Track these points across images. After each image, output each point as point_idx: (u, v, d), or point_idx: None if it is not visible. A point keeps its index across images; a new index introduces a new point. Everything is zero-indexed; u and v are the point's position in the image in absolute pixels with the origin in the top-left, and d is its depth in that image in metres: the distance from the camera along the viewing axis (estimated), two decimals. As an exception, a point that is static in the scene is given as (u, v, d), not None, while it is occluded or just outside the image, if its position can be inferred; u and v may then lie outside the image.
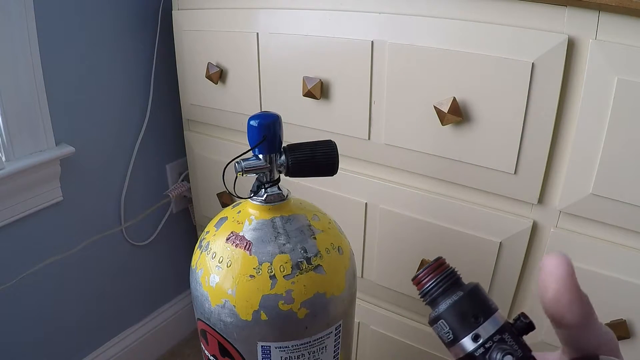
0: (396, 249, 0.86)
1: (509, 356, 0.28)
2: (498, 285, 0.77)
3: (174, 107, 1.18)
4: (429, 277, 0.35)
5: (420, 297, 0.35)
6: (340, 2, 0.80)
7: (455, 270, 0.35)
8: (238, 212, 0.63)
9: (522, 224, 0.72)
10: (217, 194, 1.12)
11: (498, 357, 0.29)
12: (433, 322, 0.33)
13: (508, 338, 0.30)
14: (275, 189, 0.62)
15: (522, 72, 0.64)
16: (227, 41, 0.95)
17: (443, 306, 0.32)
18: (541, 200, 0.70)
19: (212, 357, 0.66)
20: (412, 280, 0.36)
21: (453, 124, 0.72)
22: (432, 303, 0.34)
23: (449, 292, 0.33)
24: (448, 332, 0.31)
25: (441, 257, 0.35)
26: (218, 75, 0.97)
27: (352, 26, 0.78)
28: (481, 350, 0.30)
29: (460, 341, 0.30)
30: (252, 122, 0.59)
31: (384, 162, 0.84)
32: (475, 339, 0.30)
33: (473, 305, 0.31)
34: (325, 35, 0.81)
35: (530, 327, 0.31)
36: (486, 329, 0.30)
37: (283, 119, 0.61)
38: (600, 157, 0.62)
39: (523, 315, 0.31)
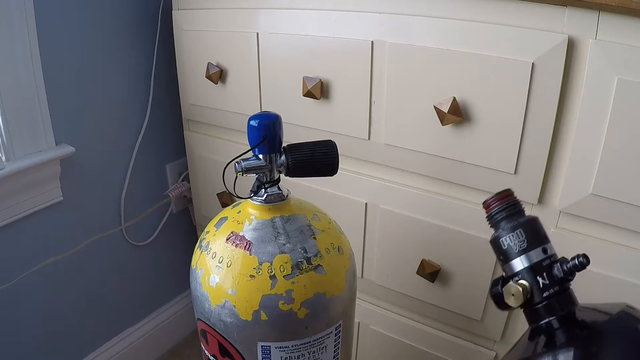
0: (396, 249, 0.86)
1: (584, 258, 0.34)
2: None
3: (174, 107, 1.18)
4: (498, 202, 0.39)
5: (487, 219, 0.40)
6: (340, 2, 0.80)
7: (521, 202, 0.40)
8: (238, 212, 0.63)
9: (522, 224, 0.72)
10: (217, 194, 1.12)
11: (571, 261, 0.34)
12: (508, 232, 0.37)
13: (563, 258, 0.36)
14: (275, 189, 0.62)
15: (522, 72, 0.64)
16: (227, 41, 0.95)
17: (522, 219, 0.37)
18: (541, 200, 0.70)
19: (212, 357, 0.66)
20: (483, 203, 0.41)
21: (453, 124, 0.72)
22: (496, 225, 0.39)
23: (515, 217, 0.38)
24: (523, 240, 0.36)
25: (510, 189, 0.40)
26: (218, 75, 0.97)
27: (352, 26, 0.78)
28: (547, 261, 0.35)
29: (533, 251, 0.35)
30: (252, 122, 0.59)
31: (384, 162, 0.84)
32: (544, 251, 0.35)
33: (541, 228, 0.37)
34: (325, 35, 0.81)
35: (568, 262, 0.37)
36: (550, 248, 0.36)
37: (283, 119, 0.61)
38: (600, 157, 0.62)
39: (564, 258, 0.37)
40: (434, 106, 0.72)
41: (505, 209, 0.38)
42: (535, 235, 0.35)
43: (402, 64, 0.74)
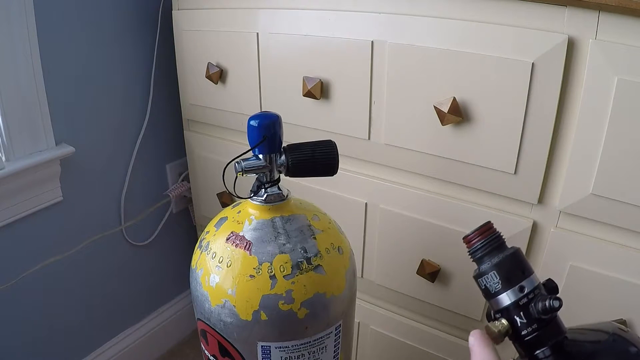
0: (396, 249, 0.86)
1: (557, 300, 0.34)
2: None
3: (174, 107, 1.18)
4: (479, 237, 0.39)
5: (469, 254, 0.40)
6: (340, 2, 0.80)
7: (501, 234, 0.39)
8: (238, 212, 0.63)
9: (522, 224, 0.72)
10: (217, 194, 1.12)
11: (543, 303, 0.34)
12: (482, 274, 0.37)
13: (544, 292, 0.35)
14: (275, 189, 0.62)
15: (522, 72, 0.64)
16: (227, 41, 0.95)
17: (495, 260, 0.37)
18: (541, 200, 0.70)
19: (212, 357, 0.66)
20: (463, 238, 0.41)
21: (453, 124, 0.72)
22: (479, 260, 0.39)
23: (496, 251, 0.38)
24: (497, 283, 0.36)
25: (490, 222, 0.40)
26: (218, 75, 0.97)
27: (352, 26, 0.78)
28: (524, 300, 0.34)
29: (507, 291, 0.35)
30: (252, 122, 0.59)
31: (384, 162, 0.84)
32: (520, 290, 0.35)
33: (519, 263, 0.36)
34: (325, 35, 0.81)
35: (556, 289, 0.37)
36: (528, 283, 0.35)
37: (283, 119, 0.61)
38: (600, 157, 0.62)
39: (550, 280, 0.37)
40: (434, 106, 0.72)
41: (485, 245, 0.38)
42: (512, 273, 0.35)
43: (402, 64, 0.74)
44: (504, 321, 0.35)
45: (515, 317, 0.34)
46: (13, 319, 0.98)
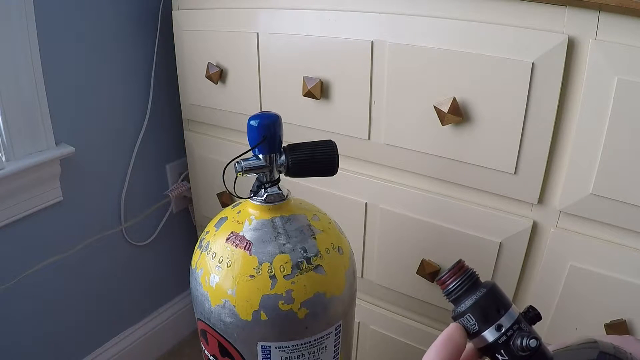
0: (396, 249, 0.86)
1: (534, 340, 0.33)
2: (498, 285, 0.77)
3: (174, 107, 1.18)
4: (452, 278, 0.39)
5: (445, 296, 0.39)
6: (340, 2, 0.80)
7: (475, 271, 0.39)
8: (238, 212, 0.63)
9: (522, 224, 0.72)
10: (217, 194, 1.12)
11: (520, 342, 0.34)
12: (459, 316, 0.37)
13: (524, 326, 0.35)
14: (275, 189, 0.62)
15: (522, 72, 0.64)
16: (227, 41, 0.95)
17: (469, 302, 0.37)
18: (541, 200, 0.70)
19: (212, 357, 0.66)
20: (437, 280, 0.40)
21: (453, 124, 0.72)
22: (456, 301, 0.38)
23: (472, 290, 0.37)
24: (474, 324, 0.36)
25: (462, 260, 0.40)
26: (218, 75, 0.97)
27: (352, 26, 0.78)
28: (504, 338, 0.34)
29: (485, 331, 0.35)
30: (252, 122, 0.59)
31: (384, 162, 0.84)
32: (498, 328, 0.35)
33: (494, 301, 0.36)
34: (325, 35, 0.81)
35: (538, 317, 0.37)
36: (507, 320, 0.35)
37: (283, 119, 0.61)
38: (600, 157, 0.62)
39: (531, 307, 0.37)
40: (434, 106, 0.72)
41: (459, 285, 0.38)
42: (487, 312, 0.35)
43: (402, 64, 0.74)
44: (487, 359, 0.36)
45: (497, 354, 0.35)
46: (13, 319, 0.98)
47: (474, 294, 0.37)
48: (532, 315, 0.37)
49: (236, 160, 0.60)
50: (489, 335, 0.35)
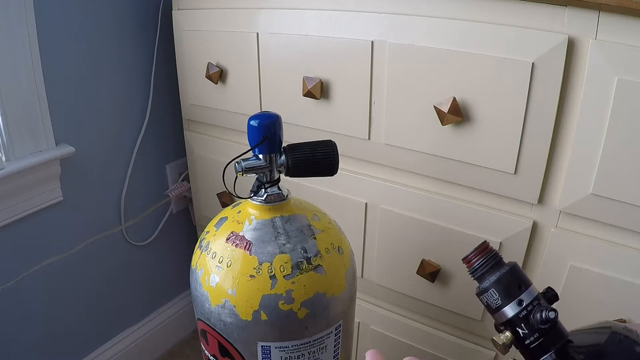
0: (396, 249, 0.86)
1: (552, 312, 0.36)
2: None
3: (174, 107, 1.18)
4: (477, 256, 0.41)
5: (470, 274, 0.42)
6: (340, 2, 0.80)
7: (498, 252, 0.42)
8: (238, 212, 0.63)
9: (522, 224, 0.72)
10: (217, 194, 1.12)
11: (540, 315, 0.36)
12: (483, 292, 0.40)
13: (543, 303, 0.37)
14: (275, 189, 0.62)
15: (522, 72, 0.64)
16: (227, 41, 0.95)
17: (493, 278, 0.39)
18: (541, 200, 0.70)
19: (212, 357, 0.66)
20: (463, 259, 0.43)
21: (453, 124, 0.72)
22: (480, 278, 0.41)
23: (495, 268, 0.40)
24: (497, 298, 0.38)
25: (486, 241, 0.42)
26: (218, 75, 0.97)
27: (352, 26, 0.78)
28: (524, 312, 0.37)
29: (507, 306, 0.37)
30: (252, 122, 0.59)
31: (384, 162, 0.84)
32: (519, 303, 0.37)
33: (516, 278, 0.39)
34: (325, 35, 0.81)
35: (556, 297, 0.40)
36: (527, 296, 0.37)
37: (283, 119, 0.61)
38: (600, 157, 0.62)
39: (550, 288, 0.40)
40: (434, 106, 0.72)
41: (483, 263, 0.40)
42: (510, 288, 0.38)
43: (402, 64, 0.74)
44: (507, 333, 0.38)
45: (518, 328, 0.37)
46: (13, 318, 0.98)
47: (497, 272, 0.39)
48: (550, 295, 0.39)
49: (236, 160, 0.60)
50: (510, 310, 0.37)
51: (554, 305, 0.38)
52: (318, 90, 0.83)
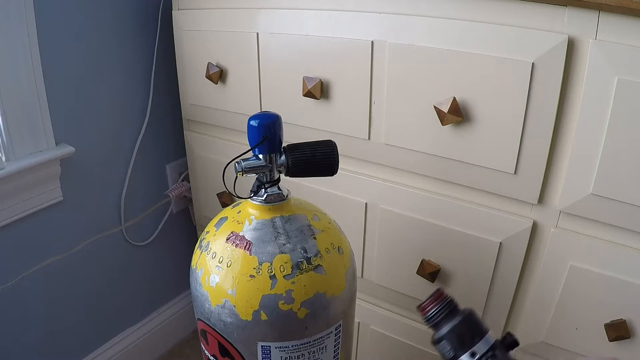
0: (396, 249, 0.86)
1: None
2: (498, 285, 0.77)
3: (174, 107, 1.18)
4: (431, 305, 0.41)
5: (425, 322, 0.42)
6: (340, 2, 0.80)
7: (453, 298, 0.41)
8: (238, 212, 0.64)
9: (522, 224, 0.72)
10: (217, 194, 1.12)
11: None
12: (436, 342, 0.40)
13: (498, 353, 0.37)
14: (275, 189, 0.62)
15: (522, 72, 0.64)
16: (227, 41, 0.95)
17: (445, 329, 0.39)
18: (541, 200, 0.70)
19: (212, 357, 0.66)
20: (417, 307, 0.43)
21: (453, 124, 0.72)
22: (435, 327, 0.41)
23: (449, 317, 0.40)
24: (449, 350, 0.38)
25: (440, 288, 0.42)
26: (218, 75, 0.97)
27: (352, 26, 0.78)
28: None
29: (460, 358, 0.37)
30: (252, 122, 0.59)
31: (384, 162, 0.84)
32: (472, 355, 0.37)
33: (469, 328, 0.38)
34: (325, 36, 0.81)
35: (515, 343, 0.39)
36: (481, 347, 0.37)
37: (283, 119, 0.61)
38: (600, 157, 0.62)
39: (509, 333, 0.39)
40: (434, 106, 0.72)
41: (438, 312, 0.40)
42: (463, 339, 0.37)
43: (402, 64, 0.74)
44: None
45: None
46: (13, 318, 0.98)
47: (451, 321, 0.39)
48: (509, 342, 0.39)
49: (236, 160, 0.60)
50: None
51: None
52: (318, 90, 0.83)
